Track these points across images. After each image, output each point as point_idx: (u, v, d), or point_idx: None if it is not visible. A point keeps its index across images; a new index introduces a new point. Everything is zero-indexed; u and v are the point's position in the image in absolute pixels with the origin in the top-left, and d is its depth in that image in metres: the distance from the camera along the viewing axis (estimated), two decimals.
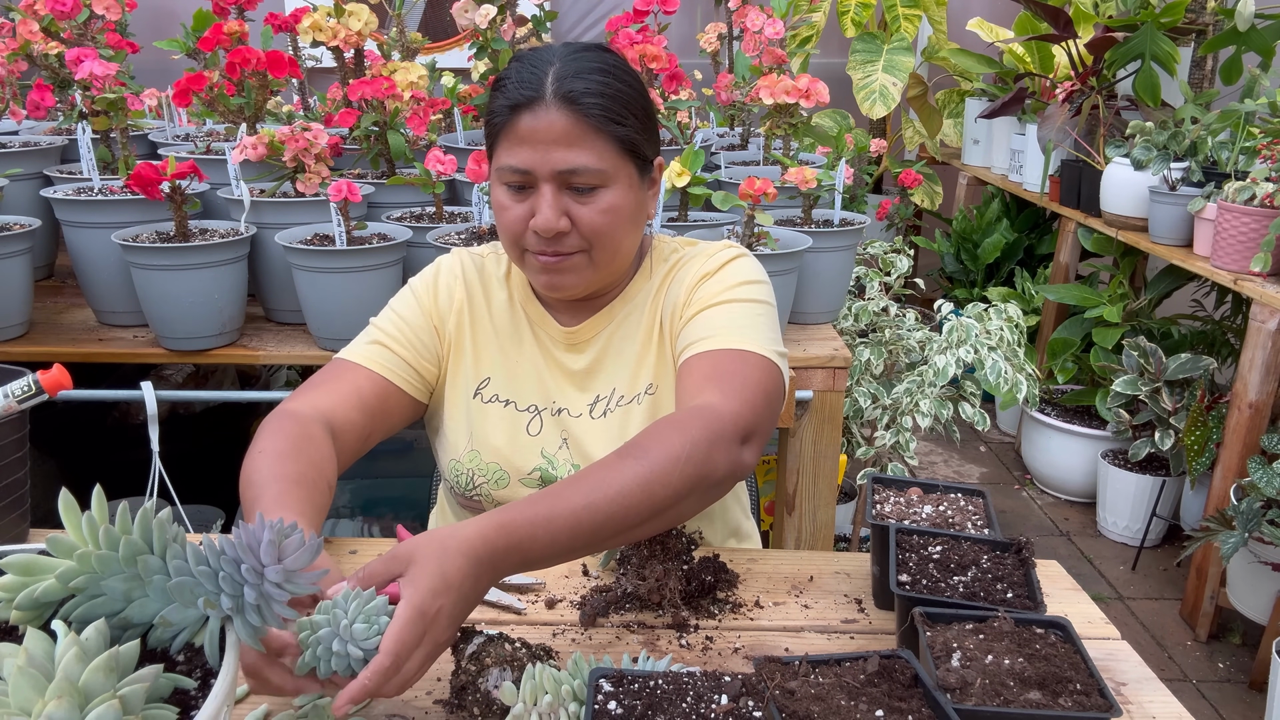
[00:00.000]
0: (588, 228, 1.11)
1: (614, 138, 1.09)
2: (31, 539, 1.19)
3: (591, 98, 1.07)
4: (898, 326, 2.43)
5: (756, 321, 1.15)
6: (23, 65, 2.04)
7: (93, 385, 1.79)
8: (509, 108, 1.09)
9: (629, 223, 1.14)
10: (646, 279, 1.26)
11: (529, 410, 1.24)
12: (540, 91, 1.07)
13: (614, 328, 1.24)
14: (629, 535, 0.95)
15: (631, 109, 1.11)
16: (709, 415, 0.99)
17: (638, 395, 1.23)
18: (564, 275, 1.14)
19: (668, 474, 0.93)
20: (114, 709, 0.53)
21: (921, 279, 3.00)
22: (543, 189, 1.09)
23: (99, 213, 1.78)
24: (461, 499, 1.26)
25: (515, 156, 1.09)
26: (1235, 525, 2.27)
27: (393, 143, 1.95)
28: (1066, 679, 0.81)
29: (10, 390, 1.00)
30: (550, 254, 1.12)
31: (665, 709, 0.75)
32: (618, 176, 1.11)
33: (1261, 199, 2.40)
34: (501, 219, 1.14)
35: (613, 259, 1.16)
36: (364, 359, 1.19)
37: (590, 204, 1.10)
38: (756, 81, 2.00)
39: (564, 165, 1.07)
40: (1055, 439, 3.38)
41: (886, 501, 1.16)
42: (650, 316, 1.24)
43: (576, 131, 1.07)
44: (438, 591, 0.80)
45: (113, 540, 0.64)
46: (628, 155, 1.11)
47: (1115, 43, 3.01)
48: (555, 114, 1.07)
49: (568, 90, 1.07)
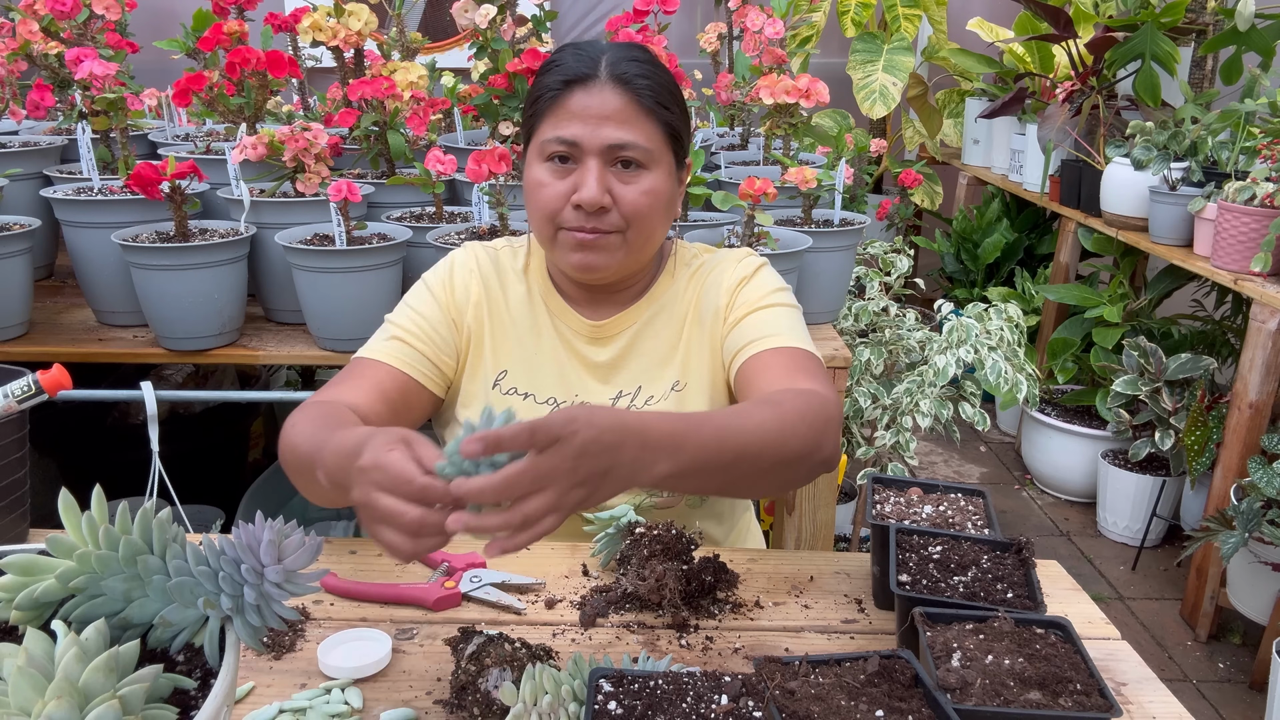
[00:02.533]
0: (629, 207, 1.13)
1: (661, 122, 1.14)
2: (31, 539, 1.19)
3: (644, 80, 1.13)
4: (898, 326, 2.43)
5: (803, 327, 1.22)
6: (23, 65, 2.04)
7: (93, 385, 1.79)
8: (562, 82, 1.12)
9: (664, 210, 1.18)
10: (671, 280, 1.28)
11: (548, 403, 1.24)
12: (595, 70, 1.12)
13: (641, 325, 1.26)
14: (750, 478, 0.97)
15: (676, 100, 1.17)
16: (824, 398, 1.03)
17: (664, 392, 1.24)
18: (598, 254, 1.15)
19: (795, 429, 0.97)
20: (114, 709, 0.53)
21: (921, 279, 3.00)
22: (588, 163, 1.12)
23: (99, 213, 1.78)
24: None
25: (564, 129, 1.12)
26: (1235, 525, 2.27)
27: (393, 143, 1.95)
28: (1067, 679, 0.81)
29: (10, 390, 1.00)
30: (589, 230, 1.13)
31: (665, 709, 0.75)
32: (660, 161, 1.15)
33: (1261, 199, 2.40)
34: (538, 195, 1.14)
35: (645, 243, 1.18)
36: (384, 355, 1.19)
37: (633, 184, 1.13)
38: (756, 81, 2.00)
39: (614, 140, 1.11)
40: (1055, 439, 3.38)
41: (886, 501, 1.16)
42: (681, 317, 1.26)
43: (629, 111, 1.12)
44: (578, 432, 0.76)
45: (113, 540, 0.64)
46: (670, 143, 1.16)
47: (1115, 43, 3.01)
48: (609, 92, 1.11)
49: (622, 71, 1.12)
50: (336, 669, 0.95)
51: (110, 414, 2.41)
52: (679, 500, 1.26)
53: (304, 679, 0.95)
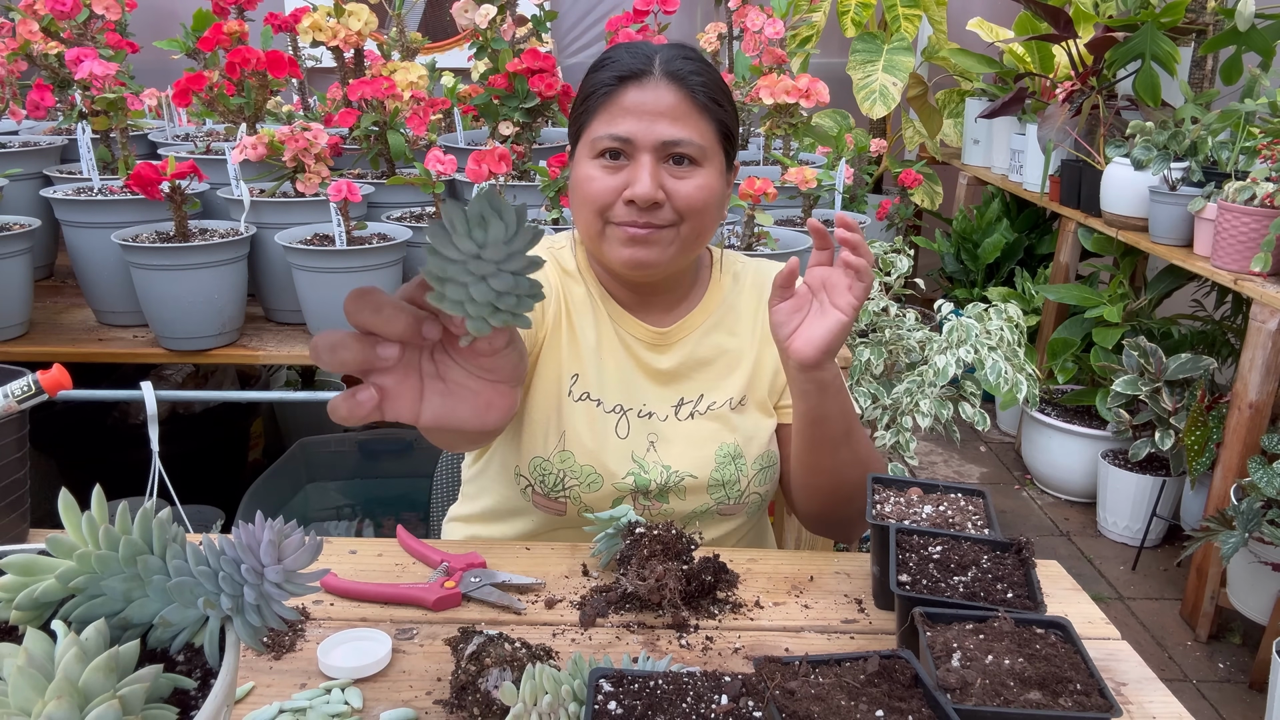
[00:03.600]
0: (683, 201, 1.13)
1: (714, 120, 1.14)
2: (31, 539, 1.19)
3: (698, 77, 1.13)
4: (898, 326, 2.43)
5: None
6: (23, 65, 2.04)
7: (93, 385, 1.79)
8: (617, 78, 1.12)
9: (716, 207, 1.17)
10: (720, 289, 1.29)
11: (615, 411, 1.22)
12: (650, 67, 1.12)
13: (701, 334, 1.26)
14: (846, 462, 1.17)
15: (727, 98, 1.17)
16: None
17: (727, 404, 1.25)
18: (650, 248, 1.14)
19: (876, 455, 1.21)
20: (114, 709, 0.53)
21: (921, 279, 3.00)
22: (641, 159, 1.11)
23: (99, 213, 1.78)
24: (541, 498, 1.22)
25: (618, 125, 1.11)
26: (1235, 525, 2.27)
27: (393, 143, 1.95)
28: (1067, 679, 0.81)
29: (10, 390, 1.00)
30: (641, 224, 1.13)
31: (665, 709, 0.75)
32: (712, 159, 1.15)
33: (1261, 199, 2.40)
34: (588, 189, 1.14)
35: (697, 240, 1.18)
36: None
37: (686, 179, 1.13)
38: (756, 81, 2.00)
39: (669, 136, 1.11)
40: (1055, 439, 3.38)
41: (886, 501, 1.16)
42: (748, 331, 1.28)
43: (683, 108, 1.12)
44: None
45: (113, 540, 0.64)
46: (721, 142, 1.16)
47: (1115, 43, 3.01)
48: (664, 89, 1.12)
49: (676, 69, 1.12)
50: (336, 669, 0.95)
51: (110, 414, 2.41)
52: (742, 508, 1.27)
53: (304, 679, 0.95)
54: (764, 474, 1.26)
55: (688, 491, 1.23)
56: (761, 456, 1.26)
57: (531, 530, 1.28)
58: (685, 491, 1.23)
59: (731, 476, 1.24)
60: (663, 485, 1.22)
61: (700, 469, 1.23)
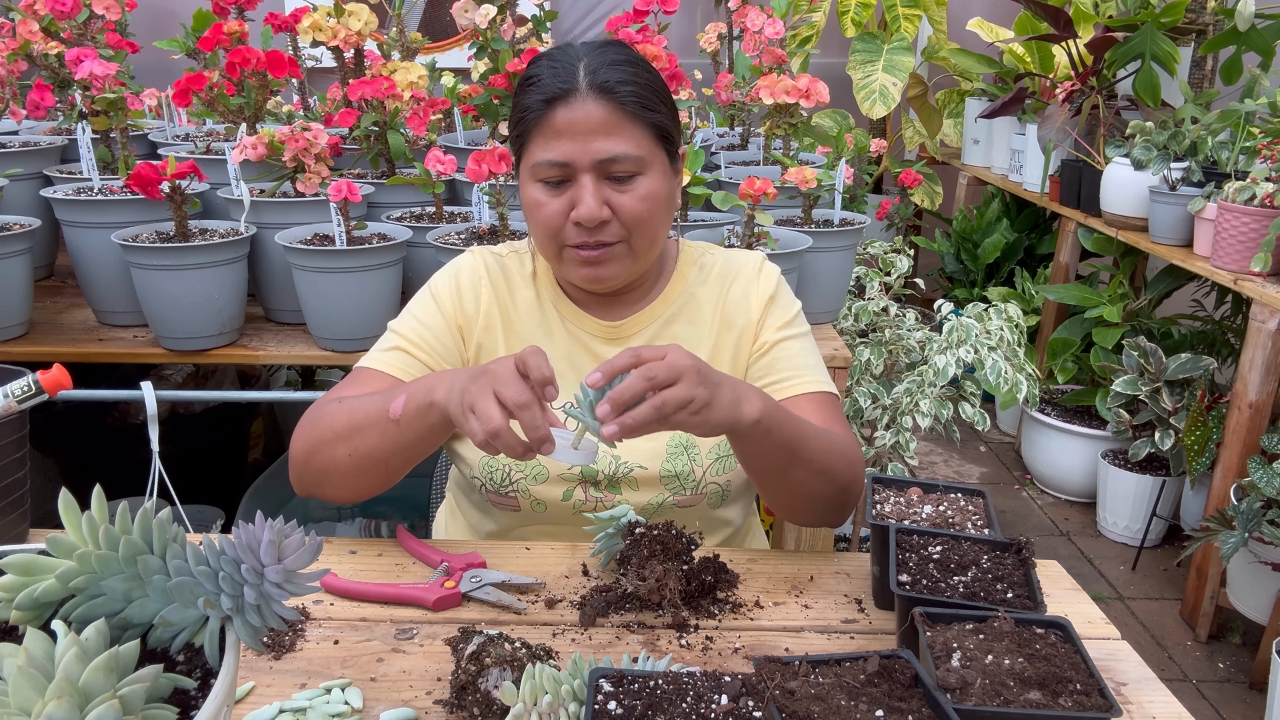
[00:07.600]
0: (628, 215, 1.12)
1: (648, 124, 1.12)
2: (31, 539, 1.19)
3: (626, 86, 1.10)
4: (898, 326, 2.43)
5: (819, 355, 1.29)
6: (23, 65, 2.04)
7: (93, 385, 1.79)
8: (543, 102, 1.10)
9: (664, 210, 1.17)
10: (683, 280, 1.29)
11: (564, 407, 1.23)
12: (574, 83, 1.10)
13: (659, 326, 1.26)
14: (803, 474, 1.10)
15: (661, 97, 1.15)
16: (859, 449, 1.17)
17: None
18: (606, 266, 1.15)
19: (844, 455, 1.12)
20: (114, 709, 0.53)
21: (921, 279, 3.00)
22: (582, 180, 1.11)
23: (99, 213, 1.78)
24: (494, 496, 1.24)
25: (553, 150, 1.10)
26: (1235, 525, 2.27)
27: (393, 143, 1.95)
28: (1066, 679, 0.81)
29: (10, 390, 1.00)
30: (592, 246, 1.13)
31: (665, 709, 0.75)
32: (653, 164, 1.14)
33: (1261, 199, 2.40)
34: (537, 215, 1.14)
35: (650, 246, 1.18)
36: (386, 365, 1.18)
37: (629, 192, 1.12)
38: (756, 81, 2.00)
39: (604, 154, 1.10)
40: (1055, 439, 3.38)
41: (886, 501, 1.16)
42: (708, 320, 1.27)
43: (614, 120, 1.10)
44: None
45: (113, 540, 0.64)
46: (660, 143, 1.14)
47: (1115, 43, 3.01)
48: (592, 104, 1.09)
49: (602, 80, 1.10)
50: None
51: (110, 414, 2.41)
52: (701, 499, 1.26)
53: (304, 679, 0.95)
54: (721, 464, 1.25)
55: (639, 483, 1.23)
56: (717, 446, 1.25)
57: (496, 533, 1.30)
58: (636, 483, 1.23)
59: (685, 468, 1.23)
60: (611, 476, 1.23)
61: (651, 460, 1.23)
